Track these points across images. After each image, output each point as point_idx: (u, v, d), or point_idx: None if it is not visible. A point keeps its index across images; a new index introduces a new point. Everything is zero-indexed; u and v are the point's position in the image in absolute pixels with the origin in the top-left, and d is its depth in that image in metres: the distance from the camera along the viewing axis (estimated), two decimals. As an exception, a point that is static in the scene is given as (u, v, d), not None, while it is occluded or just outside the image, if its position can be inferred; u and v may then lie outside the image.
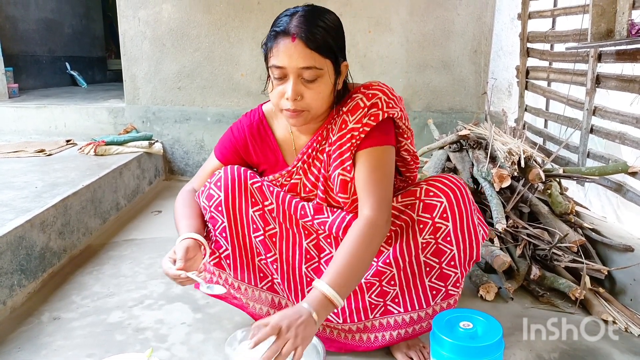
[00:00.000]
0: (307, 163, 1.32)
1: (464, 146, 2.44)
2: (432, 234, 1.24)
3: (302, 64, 1.12)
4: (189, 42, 3.28)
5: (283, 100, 1.17)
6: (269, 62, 1.16)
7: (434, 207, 1.23)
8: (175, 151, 3.43)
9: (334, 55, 1.17)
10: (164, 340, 1.48)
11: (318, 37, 1.12)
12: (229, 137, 1.39)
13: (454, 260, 1.25)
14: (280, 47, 1.13)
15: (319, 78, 1.15)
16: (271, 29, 1.17)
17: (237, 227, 1.33)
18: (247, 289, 1.41)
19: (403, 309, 1.31)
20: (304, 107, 1.18)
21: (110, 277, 1.90)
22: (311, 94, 1.16)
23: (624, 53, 1.95)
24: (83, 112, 3.44)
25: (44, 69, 5.35)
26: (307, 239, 1.36)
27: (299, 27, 1.11)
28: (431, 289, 1.28)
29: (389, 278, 1.29)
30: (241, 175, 1.32)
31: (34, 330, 1.52)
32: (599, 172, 2.01)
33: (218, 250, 1.36)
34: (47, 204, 1.88)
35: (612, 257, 1.81)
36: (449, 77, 3.33)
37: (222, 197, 1.30)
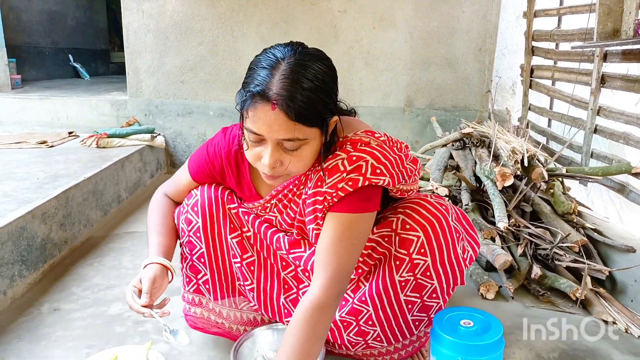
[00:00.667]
0: (282, 203, 1.22)
1: (467, 144, 2.43)
2: (410, 271, 1.15)
3: (282, 136, 0.97)
4: (192, 35, 3.27)
5: (259, 163, 1.04)
6: (244, 123, 0.99)
7: (411, 243, 1.13)
8: (178, 145, 3.43)
9: (321, 121, 1.00)
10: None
11: (302, 107, 0.94)
12: (205, 160, 1.26)
13: (436, 292, 1.18)
14: (258, 113, 0.95)
15: (302, 146, 1.00)
16: (247, 84, 0.98)
17: (216, 253, 1.28)
18: (229, 312, 1.36)
19: (386, 343, 1.26)
20: (283, 173, 1.05)
21: (110, 269, 1.90)
22: (292, 161, 1.02)
23: (630, 53, 1.94)
24: (85, 105, 3.44)
25: (47, 61, 5.35)
26: (284, 270, 1.31)
27: (280, 95, 0.93)
28: (414, 322, 1.22)
29: (366, 317, 1.21)
30: (219, 199, 1.25)
31: (34, 321, 1.52)
32: (602, 173, 2.00)
33: (196, 276, 1.31)
34: (48, 195, 1.88)
35: (613, 257, 1.80)
36: (452, 75, 3.32)
37: (200, 224, 1.24)
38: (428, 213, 1.15)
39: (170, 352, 1.38)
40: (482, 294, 1.73)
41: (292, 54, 0.98)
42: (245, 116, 0.98)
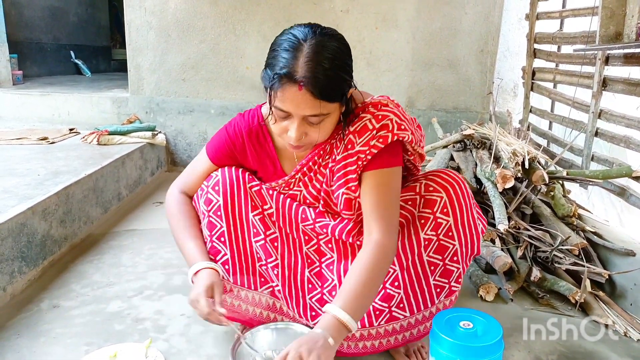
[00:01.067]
0: (307, 176, 1.28)
1: (468, 146, 2.43)
2: (433, 230, 1.23)
3: (308, 112, 1.06)
4: (194, 33, 3.27)
5: (285, 136, 1.13)
6: (272, 102, 1.07)
7: (434, 202, 1.23)
8: (178, 143, 3.42)
9: (341, 96, 1.10)
10: (162, 331, 1.48)
11: (327, 86, 1.04)
12: (225, 140, 1.30)
13: (457, 255, 1.24)
14: (286, 93, 1.04)
15: (325, 119, 1.10)
16: (273, 64, 1.06)
17: (236, 231, 1.29)
18: (247, 294, 1.33)
19: (409, 312, 1.27)
20: (309, 142, 1.15)
21: (110, 266, 1.90)
22: (316, 131, 1.12)
23: (632, 56, 1.94)
24: (87, 101, 3.43)
25: (48, 57, 5.35)
26: (307, 244, 1.34)
27: (306, 77, 1.02)
28: (435, 287, 1.26)
29: (392, 278, 1.26)
30: (239, 178, 1.28)
31: (33, 318, 1.52)
32: (602, 176, 2.00)
33: (215, 257, 1.29)
34: (49, 192, 1.88)
35: (613, 260, 1.80)
36: (454, 76, 3.32)
37: (221, 202, 1.26)
38: (449, 177, 1.26)
39: (169, 350, 1.38)
40: (481, 296, 1.73)
41: (312, 36, 1.06)
42: (274, 96, 1.06)
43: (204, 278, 1.16)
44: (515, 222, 1.92)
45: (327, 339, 1.01)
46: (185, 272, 1.84)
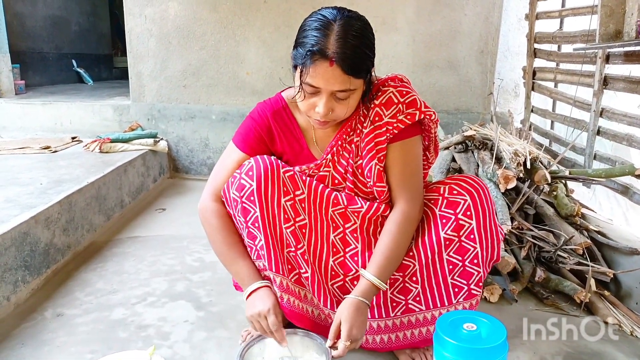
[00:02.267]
0: (334, 155, 1.33)
1: (470, 147, 2.42)
2: (454, 231, 1.25)
3: (338, 87, 1.13)
4: (194, 40, 3.28)
5: (312, 112, 1.19)
6: (303, 78, 1.14)
7: (458, 204, 1.26)
8: (180, 149, 3.43)
9: (366, 72, 1.17)
10: (166, 338, 1.48)
11: (356, 62, 1.12)
12: (252, 125, 1.34)
13: (477, 258, 1.25)
14: (317, 69, 1.11)
15: (351, 94, 1.17)
16: (304, 42, 1.13)
17: (269, 217, 1.27)
18: (282, 280, 1.30)
19: (425, 306, 1.31)
20: (334, 118, 1.21)
21: (113, 274, 1.90)
22: (342, 107, 1.19)
23: (633, 54, 1.93)
24: (89, 109, 3.45)
25: (50, 66, 5.38)
26: (334, 231, 1.37)
27: (337, 53, 1.09)
28: (453, 287, 1.28)
29: (411, 273, 1.31)
30: (273, 164, 1.28)
31: (37, 327, 1.52)
32: (605, 174, 1.99)
33: (253, 241, 1.29)
34: (51, 201, 1.89)
35: (618, 260, 1.79)
36: (455, 78, 3.31)
37: (254, 187, 1.25)
38: (474, 182, 1.29)
39: (173, 357, 1.38)
40: (485, 297, 1.72)
41: (340, 16, 1.13)
42: (304, 72, 1.12)
43: (267, 296, 1.23)
44: (519, 222, 1.91)
45: (365, 302, 1.20)
46: (189, 278, 1.86)
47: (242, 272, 1.28)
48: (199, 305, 1.67)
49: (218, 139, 3.39)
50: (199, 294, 1.74)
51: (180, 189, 3.10)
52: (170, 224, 2.46)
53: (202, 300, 1.70)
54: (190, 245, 2.18)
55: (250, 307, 1.23)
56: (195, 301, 1.69)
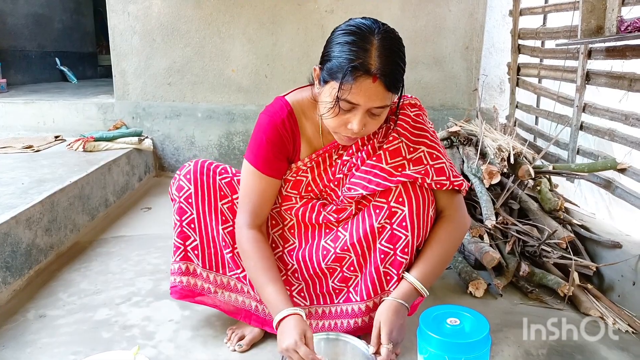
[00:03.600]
0: (317, 163, 1.33)
1: (455, 143, 2.44)
2: (387, 219, 1.24)
3: (378, 104, 1.11)
4: (179, 37, 3.25)
5: (344, 129, 1.16)
6: (341, 95, 1.09)
7: (390, 192, 1.24)
8: (166, 147, 3.40)
9: (401, 87, 1.16)
10: (151, 337, 1.46)
11: (397, 79, 1.10)
12: (269, 143, 1.28)
13: (407, 247, 1.25)
14: (361, 85, 1.07)
15: (384, 111, 1.15)
16: (343, 58, 1.07)
17: (205, 219, 1.37)
18: (215, 277, 1.42)
19: (359, 297, 1.33)
20: (363, 134, 1.20)
21: (97, 274, 1.88)
22: (374, 123, 1.17)
23: (614, 50, 1.95)
24: (72, 108, 3.40)
25: (33, 64, 5.29)
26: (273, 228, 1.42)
27: (382, 70, 1.06)
28: (385, 274, 1.29)
29: (349, 263, 1.32)
30: (210, 169, 1.37)
31: (19, 328, 1.50)
32: (588, 169, 2.01)
33: (184, 243, 1.40)
34: (33, 200, 1.86)
35: (600, 253, 1.82)
36: (440, 74, 3.33)
37: (192, 190, 1.35)
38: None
39: (157, 357, 1.37)
40: (470, 292, 1.73)
41: (378, 29, 1.09)
42: (344, 88, 1.07)
43: (293, 326, 1.15)
44: (503, 217, 1.92)
45: (405, 305, 1.20)
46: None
47: (271, 298, 1.23)
48: (184, 304, 1.65)
49: (204, 137, 3.37)
50: (184, 293, 1.72)
51: (166, 188, 2.99)
52: (156, 223, 2.44)
53: (188, 299, 1.68)
54: (175, 244, 2.16)
55: (281, 338, 1.16)
56: (180, 300, 1.67)
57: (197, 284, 1.42)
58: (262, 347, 1.42)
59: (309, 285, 1.39)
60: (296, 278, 1.40)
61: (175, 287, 1.43)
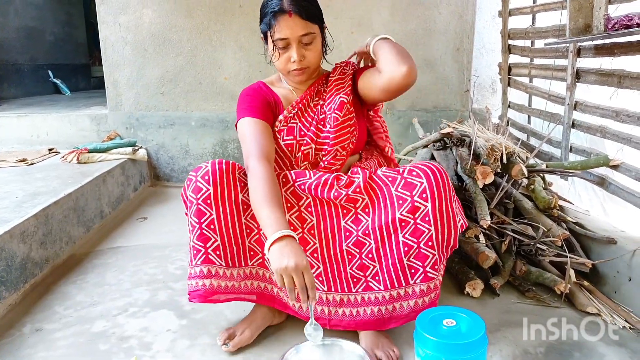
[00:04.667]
0: (301, 110, 1.54)
1: (448, 144, 2.44)
2: (410, 212, 1.30)
3: (301, 32, 1.39)
4: (171, 46, 3.25)
5: (289, 64, 1.43)
6: (273, 37, 1.40)
7: (414, 186, 1.30)
8: (160, 157, 3.40)
9: (319, 20, 1.46)
10: (148, 348, 1.46)
11: (307, 8, 1.40)
12: (252, 95, 1.53)
13: (432, 240, 1.30)
14: (281, 23, 1.38)
15: (313, 40, 1.43)
16: (266, 11, 1.41)
17: (225, 218, 1.38)
18: (238, 272, 1.43)
19: (383, 286, 1.36)
20: (307, 65, 1.45)
21: (94, 286, 1.88)
22: (311, 53, 1.44)
23: (602, 47, 1.97)
24: (65, 120, 3.40)
25: (25, 78, 5.28)
26: (289, 211, 1.42)
27: (292, 4, 1.37)
28: (409, 268, 1.32)
29: (367, 251, 1.36)
30: (229, 164, 1.40)
31: (15, 343, 1.49)
32: (581, 166, 2.02)
33: (205, 244, 1.38)
34: (27, 214, 1.85)
35: (596, 250, 1.82)
36: (432, 76, 3.34)
37: (211, 191, 1.35)
38: (433, 166, 1.34)
39: (155, 367, 1.36)
40: (468, 293, 1.73)
41: None
42: (273, 31, 1.40)
43: (300, 250, 1.18)
44: (498, 217, 1.93)
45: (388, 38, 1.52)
46: (171, 286, 1.84)
47: (270, 217, 1.21)
48: (182, 313, 1.65)
49: (198, 146, 3.37)
50: (181, 302, 1.72)
51: (162, 197, 3.07)
52: (152, 233, 2.44)
53: (185, 308, 1.68)
54: (172, 253, 2.16)
55: (280, 258, 1.14)
56: (177, 309, 1.67)
57: (220, 285, 1.40)
58: (263, 354, 1.42)
59: (326, 268, 1.40)
60: (315, 258, 1.41)
61: (197, 291, 1.39)
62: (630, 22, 1.71)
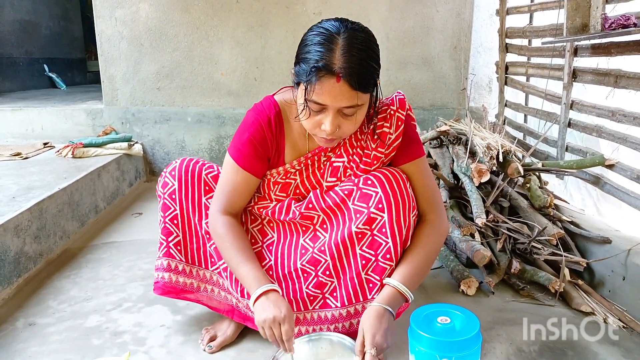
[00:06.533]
0: (306, 165, 1.33)
1: (444, 142, 2.45)
2: (366, 224, 1.23)
3: (345, 104, 1.09)
4: (167, 41, 3.24)
5: (318, 130, 1.15)
6: (308, 96, 1.10)
7: (370, 197, 1.23)
8: (156, 152, 3.38)
9: (373, 86, 1.15)
10: (142, 343, 1.45)
11: (362, 76, 1.08)
12: (252, 139, 1.28)
13: (390, 253, 1.23)
14: (324, 86, 1.07)
15: (358, 110, 1.14)
16: (308, 59, 1.08)
17: (188, 215, 1.39)
18: (198, 271, 1.44)
19: (340, 303, 1.31)
20: (339, 136, 1.18)
21: (88, 280, 1.87)
22: (349, 124, 1.15)
23: (599, 47, 1.97)
24: (61, 115, 3.38)
25: (21, 72, 5.25)
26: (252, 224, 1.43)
27: (345, 68, 1.05)
28: (367, 282, 1.27)
29: (324, 268, 1.31)
30: (196, 165, 1.39)
31: (8, 337, 1.48)
32: (577, 166, 2.03)
33: (167, 239, 1.41)
34: (21, 208, 1.84)
35: (590, 249, 1.83)
36: (429, 74, 3.34)
37: (176, 186, 1.37)
38: (389, 174, 1.25)
39: (148, 363, 1.36)
40: (463, 291, 1.73)
41: (344, 29, 1.08)
42: (310, 89, 1.08)
43: (280, 301, 1.16)
44: (494, 215, 1.93)
45: (388, 309, 1.16)
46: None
47: (249, 275, 1.21)
48: (176, 309, 1.64)
49: (194, 141, 3.36)
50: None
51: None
52: (147, 228, 2.43)
53: (179, 304, 1.67)
54: (167, 249, 2.15)
55: (261, 311, 1.15)
56: (172, 305, 1.66)
57: (179, 281, 1.43)
58: (254, 349, 1.41)
59: (281, 287, 1.33)
60: (270, 275, 1.35)
61: (157, 283, 1.44)
62: (627, 22, 1.72)
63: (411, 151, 1.30)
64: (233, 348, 1.42)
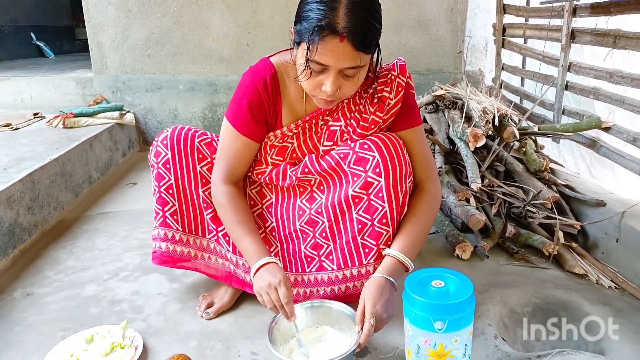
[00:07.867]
0: (304, 129, 1.31)
1: (440, 107, 2.42)
2: (363, 188, 1.22)
3: (348, 64, 1.06)
4: (156, 6, 3.15)
5: (318, 91, 1.13)
6: (310, 56, 1.06)
7: (367, 161, 1.22)
8: (149, 121, 3.34)
9: (377, 47, 1.13)
10: (140, 311, 1.46)
11: (367, 36, 1.04)
12: (249, 102, 1.26)
13: (386, 217, 1.23)
14: (327, 46, 1.03)
15: (360, 71, 1.11)
16: (310, 18, 1.03)
17: (183, 184, 1.37)
18: (195, 239, 1.44)
19: (336, 266, 1.32)
20: (339, 97, 1.16)
21: (84, 250, 1.87)
22: (349, 85, 1.13)
23: (598, 6, 1.93)
24: (50, 84, 3.31)
25: (6, 40, 5.13)
26: (251, 185, 1.44)
27: (348, 28, 1.01)
28: (363, 247, 1.27)
29: (321, 229, 1.32)
30: (188, 133, 1.36)
31: (6, 307, 1.49)
32: (573, 129, 2.01)
33: (163, 209, 1.39)
34: (12, 179, 1.82)
35: (585, 212, 1.83)
36: (425, 37, 3.28)
37: (169, 155, 1.34)
38: (387, 139, 1.23)
39: (147, 330, 1.37)
40: (457, 255, 1.74)
41: None
42: (312, 49, 1.04)
43: (276, 270, 1.18)
44: (489, 180, 1.92)
45: (390, 280, 1.17)
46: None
47: (250, 248, 1.23)
48: (173, 277, 1.65)
49: (187, 109, 3.31)
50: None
51: None
52: (142, 198, 2.42)
53: (176, 272, 1.68)
54: (162, 218, 2.14)
55: (259, 280, 1.18)
56: (168, 273, 1.67)
57: (176, 250, 1.43)
58: (251, 316, 1.43)
59: (283, 247, 1.38)
60: (273, 237, 1.39)
61: (155, 253, 1.44)
62: (628, -21, 1.67)
63: (410, 118, 1.29)
64: (230, 314, 1.44)
